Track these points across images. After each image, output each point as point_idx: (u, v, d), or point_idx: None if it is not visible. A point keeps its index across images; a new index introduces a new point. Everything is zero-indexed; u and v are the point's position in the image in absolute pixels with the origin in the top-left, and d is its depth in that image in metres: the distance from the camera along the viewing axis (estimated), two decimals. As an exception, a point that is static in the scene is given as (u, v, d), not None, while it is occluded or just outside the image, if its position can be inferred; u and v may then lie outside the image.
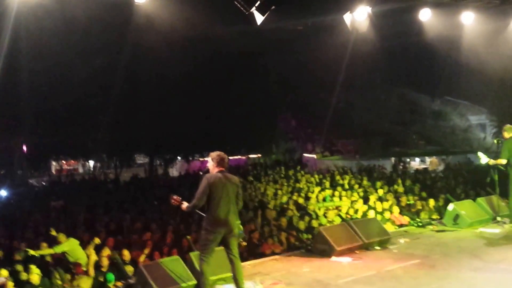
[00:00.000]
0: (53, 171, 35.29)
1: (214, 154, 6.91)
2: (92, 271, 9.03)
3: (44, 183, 28.36)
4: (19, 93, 23.84)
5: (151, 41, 23.32)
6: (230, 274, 7.05)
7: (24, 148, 28.29)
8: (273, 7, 9.73)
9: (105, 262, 9.16)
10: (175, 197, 7.10)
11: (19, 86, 23.60)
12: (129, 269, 9.10)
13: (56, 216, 14.24)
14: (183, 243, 10.34)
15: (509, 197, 10.26)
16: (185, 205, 6.87)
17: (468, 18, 12.52)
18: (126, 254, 9.50)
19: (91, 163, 34.62)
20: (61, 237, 9.75)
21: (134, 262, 9.46)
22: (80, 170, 36.28)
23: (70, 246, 9.58)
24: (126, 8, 14.33)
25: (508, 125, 10.32)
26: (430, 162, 35.41)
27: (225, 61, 29.39)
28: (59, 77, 24.83)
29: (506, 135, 10.22)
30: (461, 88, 38.61)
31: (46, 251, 9.60)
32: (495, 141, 12.09)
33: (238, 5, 9.54)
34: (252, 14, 9.71)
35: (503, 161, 10.08)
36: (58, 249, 9.52)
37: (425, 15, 12.36)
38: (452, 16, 12.68)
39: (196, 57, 26.30)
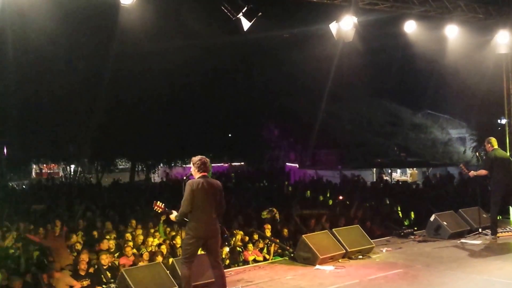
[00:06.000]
0: (33, 175, 34.80)
1: (196, 159, 6.83)
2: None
3: (24, 186, 27.93)
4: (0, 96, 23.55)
5: (136, 46, 23.21)
6: (212, 280, 6.99)
7: (5, 150, 27.83)
8: (260, 13, 9.69)
9: (83, 266, 8.98)
10: (158, 203, 7.02)
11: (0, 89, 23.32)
12: (109, 274, 8.96)
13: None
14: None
15: (491, 209, 10.34)
16: (174, 214, 6.80)
17: (452, 32, 12.56)
18: (104, 259, 9.33)
19: (72, 167, 34.21)
20: None
21: (114, 267, 9.30)
22: (61, 173, 35.83)
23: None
24: (112, 10, 14.17)
25: (491, 138, 10.44)
26: (411, 174, 35.74)
27: (210, 69, 29.37)
28: (42, 79, 24.55)
29: (489, 147, 10.33)
30: (442, 102, 39.12)
31: None
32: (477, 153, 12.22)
33: (225, 10, 9.48)
34: (239, 20, 9.68)
35: (484, 172, 10.19)
36: None
37: (410, 27, 12.39)
38: (437, 29, 12.74)
39: (180, 65, 26.26)
